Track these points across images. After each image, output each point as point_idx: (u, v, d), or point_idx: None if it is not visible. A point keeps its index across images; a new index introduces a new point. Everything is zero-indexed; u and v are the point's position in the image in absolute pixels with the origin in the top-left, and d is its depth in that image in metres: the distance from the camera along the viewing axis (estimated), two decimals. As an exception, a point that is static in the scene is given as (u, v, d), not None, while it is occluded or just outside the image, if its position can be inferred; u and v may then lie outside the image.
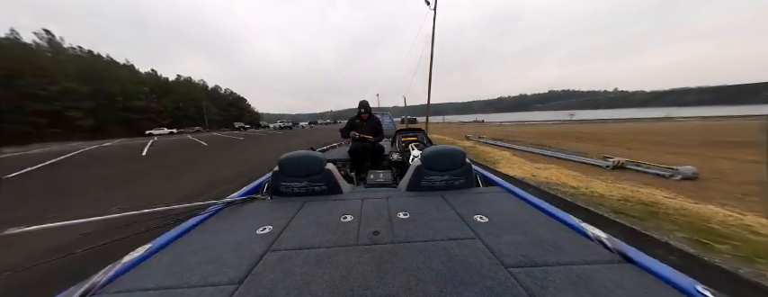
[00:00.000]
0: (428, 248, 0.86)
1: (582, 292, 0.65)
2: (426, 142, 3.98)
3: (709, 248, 2.31)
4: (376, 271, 0.75)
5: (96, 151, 13.33)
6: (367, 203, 1.30)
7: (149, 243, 0.95)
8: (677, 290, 0.66)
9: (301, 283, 0.71)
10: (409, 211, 1.17)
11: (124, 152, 12.42)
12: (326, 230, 1.01)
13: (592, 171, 5.66)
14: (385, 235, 0.96)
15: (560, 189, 4.21)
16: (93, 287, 0.72)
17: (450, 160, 1.46)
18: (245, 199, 1.40)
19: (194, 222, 1.13)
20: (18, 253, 2.49)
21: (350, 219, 1.12)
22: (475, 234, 0.95)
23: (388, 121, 7.46)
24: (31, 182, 6.20)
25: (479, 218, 1.08)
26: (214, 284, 0.72)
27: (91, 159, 10.17)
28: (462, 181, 1.48)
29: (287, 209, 1.25)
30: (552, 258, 0.79)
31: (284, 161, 1.43)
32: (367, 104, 3.26)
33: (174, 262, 0.83)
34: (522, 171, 5.65)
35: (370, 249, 0.87)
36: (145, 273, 0.79)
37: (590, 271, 0.73)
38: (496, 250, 0.84)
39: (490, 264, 0.77)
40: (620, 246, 0.84)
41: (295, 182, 1.43)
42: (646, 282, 0.69)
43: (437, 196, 1.37)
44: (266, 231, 1.03)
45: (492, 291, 0.66)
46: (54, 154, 12.24)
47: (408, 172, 1.55)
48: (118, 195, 4.72)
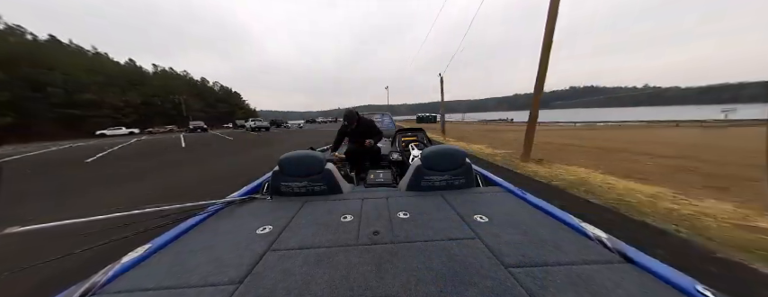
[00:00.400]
0: (428, 248, 0.86)
1: (582, 292, 0.65)
2: (426, 142, 3.98)
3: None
4: (376, 271, 0.75)
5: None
6: (367, 203, 1.30)
7: (149, 243, 0.95)
8: (677, 290, 0.66)
9: (301, 282, 0.71)
10: (409, 211, 1.17)
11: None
12: (326, 230, 1.01)
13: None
14: (385, 235, 0.96)
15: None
16: (93, 287, 0.72)
17: (450, 160, 1.46)
18: (245, 199, 1.40)
19: (194, 222, 1.13)
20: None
21: (350, 219, 1.11)
22: (475, 234, 0.95)
23: (389, 121, 7.45)
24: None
25: (479, 218, 1.08)
26: (214, 284, 0.72)
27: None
28: (462, 181, 1.48)
29: (287, 209, 1.25)
30: (552, 258, 0.79)
31: (284, 161, 1.43)
32: (352, 113, 3.16)
33: (174, 262, 0.83)
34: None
35: (370, 249, 0.87)
36: (145, 273, 0.78)
37: (590, 271, 0.73)
38: (496, 250, 0.84)
39: (490, 264, 0.77)
40: (620, 246, 0.84)
41: (295, 182, 1.43)
42: (646, 282, 0.69)
43: (437, 196, 1.37)
44: (266, 231, 1.03)
45: (492, 291, 0.66)
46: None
47: (408, 172, 1.55)
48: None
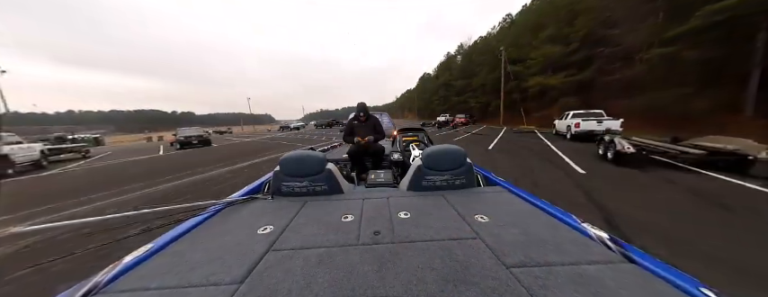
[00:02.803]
0: (429, 248, 0.86)
1: (583, 292, 0.65)
2: (427, 142, 3.98)
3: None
4: (377, 271, 0.75)
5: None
6: (368, 203, 1.30)
7: (151, 243, 0.95)
8: (679, 290, 0.66)
9: (302, 282, 0.71)
10: (410, 211, 1.17)
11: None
12: (327, 230, 1.01)
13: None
14: (386, 235, 0.96)
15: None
16: (95, 287, 0.72)
17: (450, 160, 1.46)
18: (246, 199, 1.41)
19: (195, 222, 1.13)
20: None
21: (351, 219, 1.12)
22: (476, 234, 0.95)
23: (386, 120, 7.41)
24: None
25: (480, 217, 1.08)
26: (216, 284, 0.72)
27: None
28: (463, 180, 1.48)
29: (288, 209, 1.26)
30: (553, 258, 0.79)
31: (285, 161, 1.43)
32: (364, 107, 3.39)
33: (176, 262, 0.84)
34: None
35: (372, 249, 0.87)
36: (146, 273, 0.79)
37: (591, 271, 0.73)
38: (497, 250, 0.84)
39: (491, 263, 0.77)
40: (621, 246, 0.84)
41: (296, 182, 1.43)
42: (647, 282, 0.69)
43: (438, 196, 1.37)
44: (267, 231, 1.03)
45: (493, 291, 0.66)
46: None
47: (409, 172, 1.55)
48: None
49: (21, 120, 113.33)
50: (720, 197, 3.67)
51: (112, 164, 10.99)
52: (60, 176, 8.59)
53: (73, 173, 9.21)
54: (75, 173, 9.17)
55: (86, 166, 10.94)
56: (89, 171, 9.42)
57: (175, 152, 14.32)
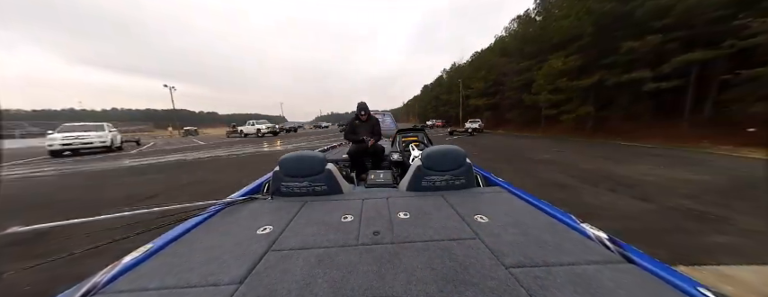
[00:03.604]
0: (429, 248, 0.86)
1: (582, 292, 0.64)
2: (426, 142, 3.89)
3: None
4: (377, 271, 0.74)
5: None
6: (367, 203, 1.29)
7: (150, 243, 0.94)
8: (678, 290, 0.66)
9: (302, 283, 0.71)
10: (410, 212, 1.16)
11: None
12: (327, 230, 1.01)
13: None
14: (385, 235, 0.96)
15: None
16: (94, 287, 0.72)
17: (450, 160, 1.46)
18: (246, 199, 1.40)
19: (195, 222, 1.12)
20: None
21: (350, 219, 1.11)
22: (475, 234, 0.94)
23: (390, 121, 7.49)
24: None
25: (480, 218, 1.07)
26: (215, 284, 0.71)
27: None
28: (463, 181, 1.47)
29: (287, 209, 1.25)
30: (553, 258, 0.78)
31: (285, 161, 1.42)
32: (365, 106, 3.39)
33: (175, 262, 0.83)
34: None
35: (371, 249, 0.86)
36: (145, 273, 0.78)
37: (591, 271, 0.72)
38: (497, 250, 0.83)
39: (491, 264, 0.76)
40: (620, 246, 0.84)
41: (295, 182, 1.42)
42: (647, 282, 0.68)
43: (437, 196, 1.36)
44: (267, 231, 1.02)
45: (493, 291, 0.65)
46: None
47: (409, 172, 1.54)
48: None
49: (76, 116, 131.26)
50: (465, 140, 16.23)
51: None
52: (140, 152, 13.14)
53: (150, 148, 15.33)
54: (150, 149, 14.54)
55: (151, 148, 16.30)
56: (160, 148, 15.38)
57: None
